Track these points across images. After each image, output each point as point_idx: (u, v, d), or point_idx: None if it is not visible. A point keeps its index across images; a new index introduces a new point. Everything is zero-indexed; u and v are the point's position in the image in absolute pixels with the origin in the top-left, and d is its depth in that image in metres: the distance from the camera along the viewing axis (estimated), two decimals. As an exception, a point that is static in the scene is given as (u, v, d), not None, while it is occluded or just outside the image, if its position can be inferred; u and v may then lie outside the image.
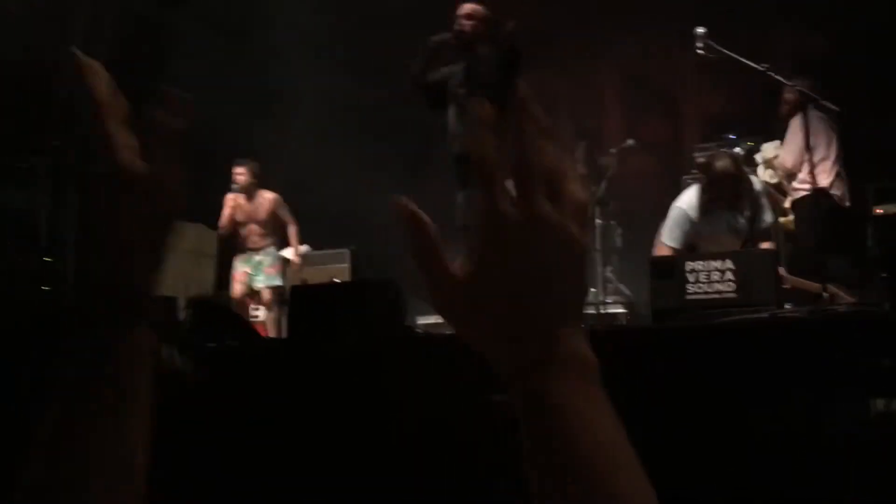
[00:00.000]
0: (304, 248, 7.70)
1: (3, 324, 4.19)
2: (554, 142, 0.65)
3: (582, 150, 7.71)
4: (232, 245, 7.29)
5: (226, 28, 7.37)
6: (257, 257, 7.12)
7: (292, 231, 7.22)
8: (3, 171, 5.68)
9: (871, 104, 6.77)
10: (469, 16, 4.32)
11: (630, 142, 6.39)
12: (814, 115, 5.64)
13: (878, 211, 5.99)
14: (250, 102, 7.70)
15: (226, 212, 7.11)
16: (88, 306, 0.68)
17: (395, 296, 3.58)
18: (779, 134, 6.65)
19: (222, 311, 4.73)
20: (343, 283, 6.32)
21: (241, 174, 7.04)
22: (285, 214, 7.19)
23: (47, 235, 6.73)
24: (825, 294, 4.02)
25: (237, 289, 7.05)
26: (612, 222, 7.20)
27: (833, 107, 4.07)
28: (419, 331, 4.05)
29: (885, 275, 2.85)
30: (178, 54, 6.79)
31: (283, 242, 7.38)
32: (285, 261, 7.27)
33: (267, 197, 7.14)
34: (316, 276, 7.31)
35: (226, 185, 7.26)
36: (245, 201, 7.10)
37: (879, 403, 2.65)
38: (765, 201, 4.62)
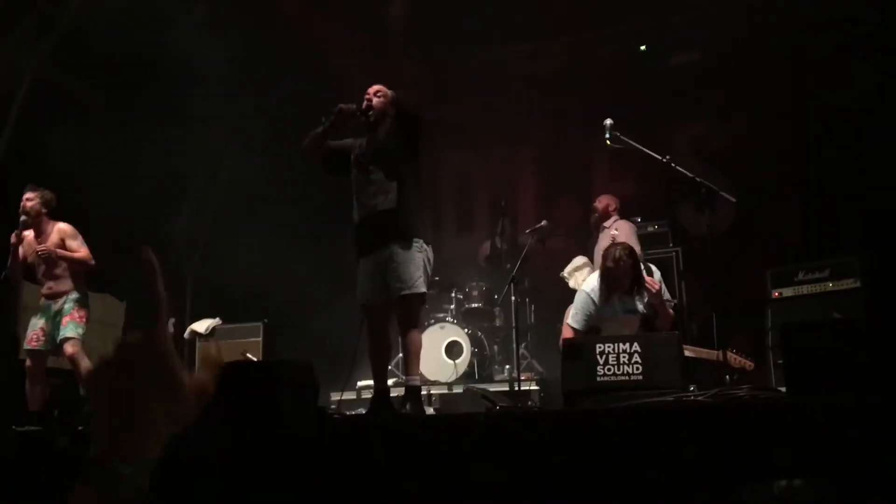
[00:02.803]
0: (214, 320, 7.55)
1: None
2: None
3: (507, 223, 7.84)
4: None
5: (142, 108, 7.29)
6: (55, 306, 5.58)
7: (80, 255, 5.61)
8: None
9: (768, 191, 7.19)
10: (378, 92, 4.48)
11: (543, 223, 6.58)
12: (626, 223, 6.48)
13: (775, 294, 6.32)
14: (165, 180, 7.63)
15: (14, 253, 5.59)
16: None
17: (308, 376, 3.54)
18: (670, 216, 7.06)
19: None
20: (254, 362, 6.18)
21: (29, 199, 5.58)
22: (76, 245, 5.63)
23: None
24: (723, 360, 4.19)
25: (28, 360, 5.51)
26: (525, 300, 7.34)
27: (731, 197, 4.30)
28: (332, 412, 4.00)
29: (781, 361, 2.99)
30: (90, 131, 6.72)
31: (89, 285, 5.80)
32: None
33: (56, 228, 5.63)
34: (228, 349, 7.16)
35: (129, 269, 6.79)
36: (31, 235, 5.62)
37: (780, 484, 2.76)
38: (664, 288, 4.88)
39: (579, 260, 6.70)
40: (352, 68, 7.46)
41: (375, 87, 4.50)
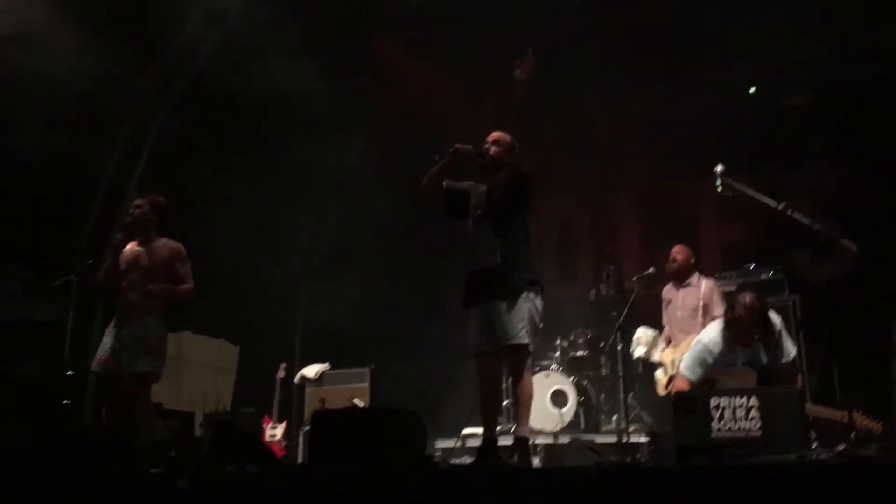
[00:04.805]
0: (323, 365, 7.72)
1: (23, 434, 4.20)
2: None
3: (612, 272, 7.74)
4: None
5: (252, 153, 7.61)
6: (129, 326, 4.96)
7: (185, 288, 5.08)
8: (37, 286, 5.65)
9: (890, 235, 6.81)
10: (496, 141, 4.52)
11: (651, 270, 6.47)
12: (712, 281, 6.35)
13: (902, 349, 5.95)
14: (273, 224, 7.94)
15: (114, 258, 5.14)
16: None
17: (416, 425, 3.58)
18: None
19: (241, 432, 4.71)
20: (364, 410, 6.26)
21: (138, 206, 5.13)
22: (184, 272, 5.10)
23: (71, 349, 6.79)
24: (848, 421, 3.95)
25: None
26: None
27: (852, 245, 4.11)
28: (438, 460, 4.00)
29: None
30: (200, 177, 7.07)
31: (172, 319, 5.26)
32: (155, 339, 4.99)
33: (168, 245, 5.13)
34: (335, 394, 7.30)
35: (242, 314, 6.86)
36: (135, 244, 5.13)
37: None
38: (785, 336, 4.65)
39: (641, 332, 6.58)
40: (453, 115, 7.57)
41: (495, 136, 4.54)
